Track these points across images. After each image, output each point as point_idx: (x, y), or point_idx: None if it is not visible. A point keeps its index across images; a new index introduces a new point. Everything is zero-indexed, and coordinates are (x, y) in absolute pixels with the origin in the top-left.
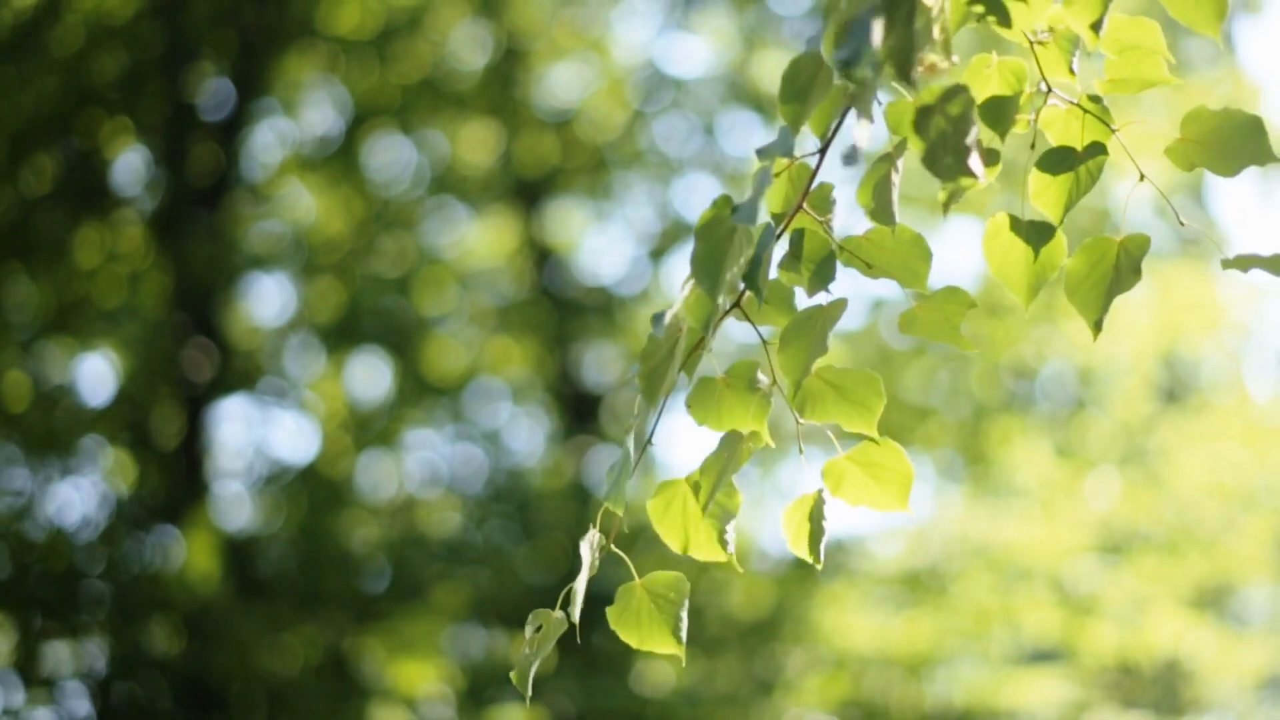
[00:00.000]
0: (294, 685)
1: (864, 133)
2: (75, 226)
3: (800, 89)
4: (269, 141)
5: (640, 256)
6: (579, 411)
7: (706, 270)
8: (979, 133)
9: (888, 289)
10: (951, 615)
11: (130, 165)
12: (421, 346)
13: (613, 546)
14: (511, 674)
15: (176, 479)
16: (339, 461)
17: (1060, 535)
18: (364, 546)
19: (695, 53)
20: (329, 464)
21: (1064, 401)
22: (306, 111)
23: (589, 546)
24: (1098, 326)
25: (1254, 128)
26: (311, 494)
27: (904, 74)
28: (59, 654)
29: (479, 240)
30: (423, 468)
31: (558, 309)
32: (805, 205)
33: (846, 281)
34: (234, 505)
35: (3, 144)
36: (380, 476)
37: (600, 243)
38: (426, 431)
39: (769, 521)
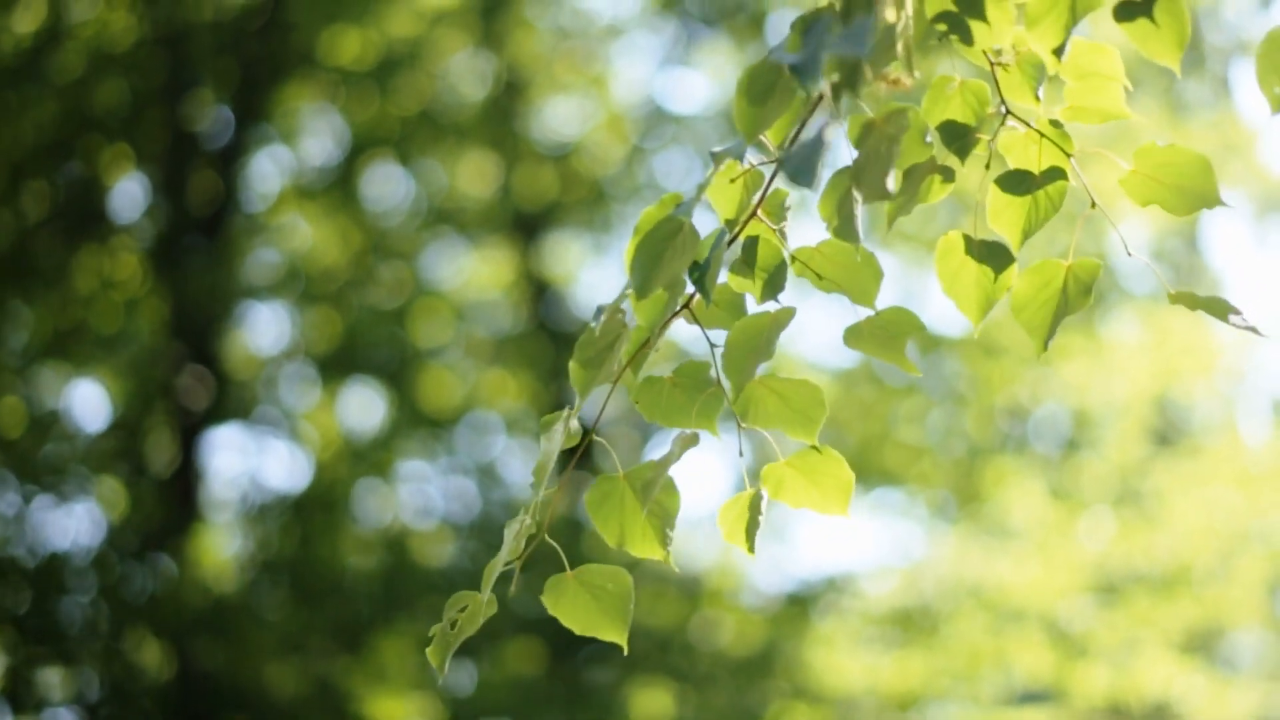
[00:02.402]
0: (283, 713)
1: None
2: (73, 252)
3: (757, 95)
4: (268, 171)
5: None
6: (573, 446)
7: (639, 265)
8: (936, 151)
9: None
10: (943, 655)
11: (129, 192)
12: (417, 378)
13: (546, 536)
14: (428, 650)
15: (170, 506)
16: (333, 492)
17: (1053, 576)
18: (356, 576)
19: (695, 88)
20: (322, 494)
21: (1058, 443)
22: (306, 141)
23: (513, 531)
24: (1044, 346)
25: (1200, 167)
26: (304, 524)
27: (850, 84)
28: (49, 680)
29: (476, 272)
30: (416, 499)
31: (554, 342)
32: (760, 213)
33: (841, 319)
34: (227, 533)
35: (2, 169)
36: (374, 507)
37: (598, 276)
38: (420, 463)
39: (760, 559)
